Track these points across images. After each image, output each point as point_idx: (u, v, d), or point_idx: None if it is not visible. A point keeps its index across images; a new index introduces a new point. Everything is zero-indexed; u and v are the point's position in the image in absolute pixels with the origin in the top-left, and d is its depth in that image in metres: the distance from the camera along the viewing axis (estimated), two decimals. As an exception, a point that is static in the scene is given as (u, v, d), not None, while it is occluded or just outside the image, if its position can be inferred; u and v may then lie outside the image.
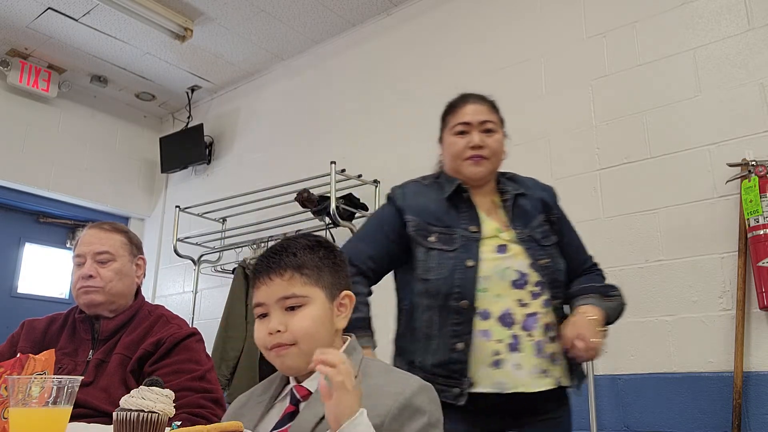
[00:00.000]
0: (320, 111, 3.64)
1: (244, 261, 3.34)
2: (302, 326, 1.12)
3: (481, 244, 1.56)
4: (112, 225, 1.84)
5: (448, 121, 1.75)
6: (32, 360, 0.95)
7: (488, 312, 1.51)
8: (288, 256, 1.16)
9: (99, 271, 1.70)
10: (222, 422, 1.04)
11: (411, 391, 1.07)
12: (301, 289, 1.14)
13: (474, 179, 1.65)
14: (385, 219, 1.70)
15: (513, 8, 2.95)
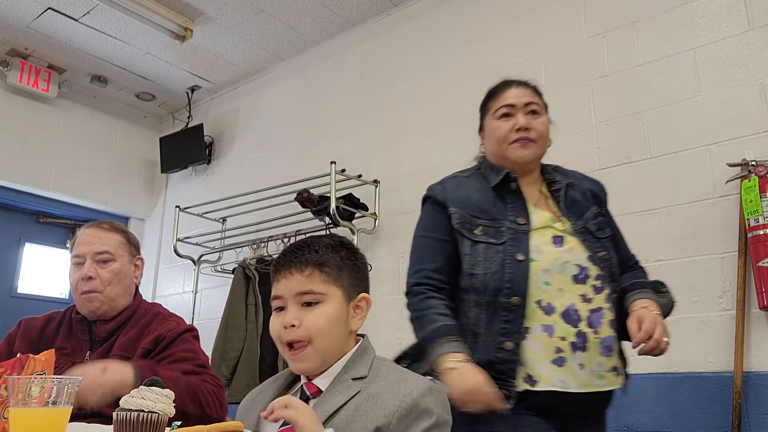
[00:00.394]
0: (320, 111, 3.64)
1: (244, 261, 3.34)
2: (317, 323, 1.13)
3: (532, 237, 1.48)
4: (110, 224, 1.82)
5: (489, 106, 1.66)
6: (32, 360, 0.95)
7: (552, 306, 1.42)
8: (310, 252, 1.17)
9: (99, 271, 1.70)
10: (227, 421, 1.04)
11: (419, 392, 1.07)
12: (320, 287, 1.15)
13: (521, 163, 1.57)
14: (429, 222, 1.63)
15: (513, 8, 2.95)
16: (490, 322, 1.45)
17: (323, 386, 1.15)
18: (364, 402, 1.09)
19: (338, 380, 1.14)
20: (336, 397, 1.11)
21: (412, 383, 1.09)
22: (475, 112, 3.08)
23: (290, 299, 1.15)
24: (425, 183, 2.99)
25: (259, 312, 3.17)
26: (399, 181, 3.13)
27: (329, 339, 1.14)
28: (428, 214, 1.66)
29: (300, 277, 1.15)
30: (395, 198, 3.12)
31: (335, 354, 1.17)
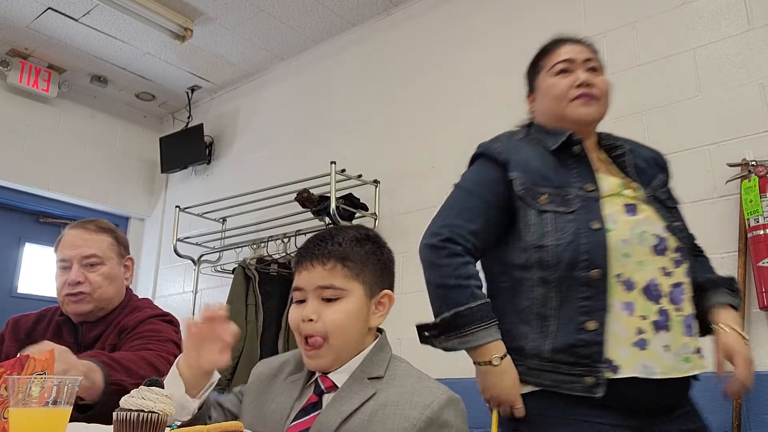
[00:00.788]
0: (320, 111, 3.64)
1: (244, 261, 3.34)
2: (335, 320, 1.11)
3: (603, 204, 1.33)
4: (97, 224, 1.72)
5: (543, 64, 1.53)
6: (32, 360, 0.95)
7: (632, 282, 1.26)
8: (334, 245, 1.14)
9: (87, 276, 1.61)
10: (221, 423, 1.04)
11: (439, 405, 1.05)
12: (341, 282, 1.13)
13: (584, 122, 1.42)
14: (481, 181, 1.43)
15: (513, 8, 2.95)
16: (565, 300, 1.28)
17: (339, 382, 1.13)
18: (381, 408, 1.06)
19: (354, 378, 1.12)
20: (352, 398, 1.09)
21: (431, 393, 1.07)
22: (475, 111, 3.09)
23: (311, 292, 1.13)
24: (425, 183, 3.01)
25: (259, 312, 3.17)
26: (399, 181, 3.13)
27: (346, 336, 1.12)
28: (481, 170, 1.46)
29: (322, 271, 1.12)
30: (395, 198, 3.12)
31: (351, 351, 1.14)
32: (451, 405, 1.07)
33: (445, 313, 1.36)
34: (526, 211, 1.35)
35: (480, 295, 1.33)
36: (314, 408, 1.12)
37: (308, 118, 3.70)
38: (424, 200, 3.00)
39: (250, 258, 3.38)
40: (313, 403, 1.13)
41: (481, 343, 1.31)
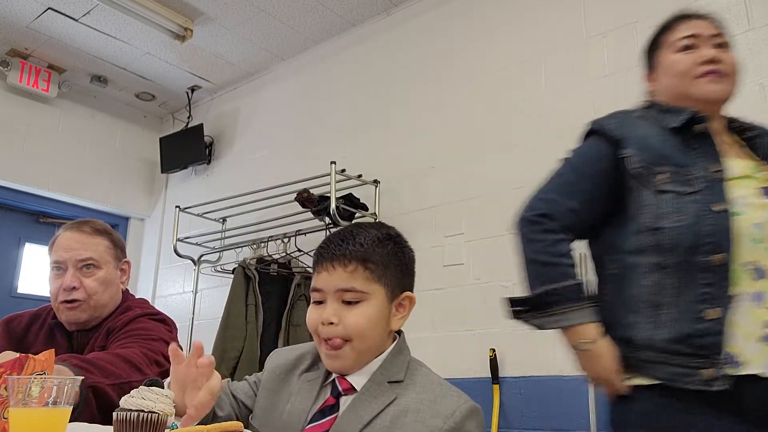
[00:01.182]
0: (320, 111, 3.64)
1: (244, 261, 3.34)
2: (357, 324, 1.08)
3: (732, 186, 1.24)
4: (92, 226, 1.65)
5: (664, 40, 1.43)
6: (32, 360, 0.95)
7: (763, 269, 1.18)
8: (355, 245, 1.10)
9: (83, 281, 1.55)
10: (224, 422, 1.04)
11: (461, 415, 1.03)
12: (363, 284, 1.09)
13: (711, 101, 1.32)
14: (590, 158, 1.36)
15: (513, 8, 2.95)
16: (682, 287, 1.18)
17: (357, 384, 1.10)
18: (402, 416, 1.04)
19: (374, 381, 1.09)
20: (372, 402, 1.07)
21: (453, 402, 1.05)
22: (475, 112, 3.09)
23: (330, 294, 1.09)
24: (425, 183, 3.01)
25: (259, 312, 3.17)
26: (399, 181, 3.13)
27: (368, 340, 1.09)
28: (591, 146, 1.38)
29: (343, 273, 1.08)
30: (395, 198, 3.12)
31: (372, 354, 1.12)
32: (473, 415, 1.06)
33: (536, 289, 1.29)
34: (640, 191, 1.26)
35: (572, 274, 1.26)
36: (331, 411, 1.09)
37: (308, 118, 3.70)
38: (424, 200, 3.00)
39: (250, 258, 3.38)
40: (330, 405, 1.10)
41: (572, 324, 1.25)
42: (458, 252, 2.80)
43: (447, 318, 2.76)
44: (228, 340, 3.11)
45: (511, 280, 2.61)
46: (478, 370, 2.60)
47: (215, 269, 3.74)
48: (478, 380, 2.59)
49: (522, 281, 1.34)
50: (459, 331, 2.71)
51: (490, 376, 2.53)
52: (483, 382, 2.57)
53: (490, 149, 2.83)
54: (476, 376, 2.60)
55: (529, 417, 2.43)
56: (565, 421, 2.34)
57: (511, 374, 2.52)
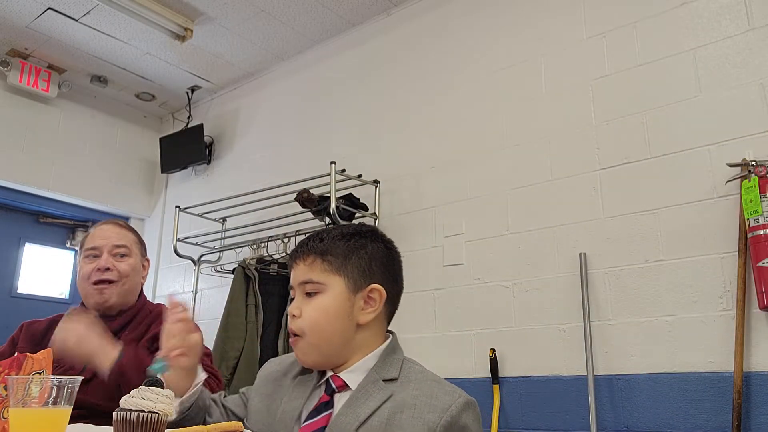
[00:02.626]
0: (320, 111, 3.64)
1: (244, 261, 3.34)
2: (311, 316, 1.11)
3: None
4: (125, 223, 1.88)
5: None
6: (30, 359, 0.95)
7: None
8: (315, 241, 1.17)
9: (116, 264, 1.71)
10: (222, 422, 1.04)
11: (458, 408, 1.05)
12: (319, 276, 1.13)
13: None
14: None
15: (513, 8, 2.95)
16: None
17: (350, 381, 1.12)
18: (398, 412, 1.05)
19: (368, 379, 1.11)
20: (368, 400, 1.08)
21: (449, 396, 1.07)
22: (475, 112, 3.10)
23: (296, 288, 1.16)
24: (425, 183, 3.02)
25: (259, 312, 3.17)
26: (399, 181, 3.13)
27: (324, 332, 1.11)
28: None
29: (303, 266, 1.15)
30: (395, 198, 3.12)
31: (337, 347, 1.13)
32: (470, 409, 1.07)
33: None
34: None
35: None
36: (326, 407, 1.11)
37: (308, 118, 3.70)
38: (424, 200, 3.00)
39: (250, 258, 3.38)
40: (325, 402, 1.12)
41: None
42: (458, 252, 2.80)
43: (447, 318, 2.77)
44: (228, 340, 3.11)
45: (511, 280, 2.61)
46: (478, 370, 2.60)
47: (215, 269, 3.74)
48: (478, 380, 2.59)
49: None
50: (459, 331, 2.71)
51: (490, 376, 2.53)
52: (483, 382, 2.57)
53: (490, 149, 2.83)
54: (476, 376, 2.60)
55: (529, 417, 2.43)
56: (565, 421, 2.34)
57: (511, 374, 2.52)
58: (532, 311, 2.53)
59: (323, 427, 1.07)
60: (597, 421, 2.23)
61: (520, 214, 2.66)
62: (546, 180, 2.63)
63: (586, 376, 2.28)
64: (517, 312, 2.57)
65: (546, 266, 2.54)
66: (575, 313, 2.41)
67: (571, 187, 2.55)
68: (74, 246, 4.25)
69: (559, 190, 2.58)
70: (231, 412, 1.23)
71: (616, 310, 2.33)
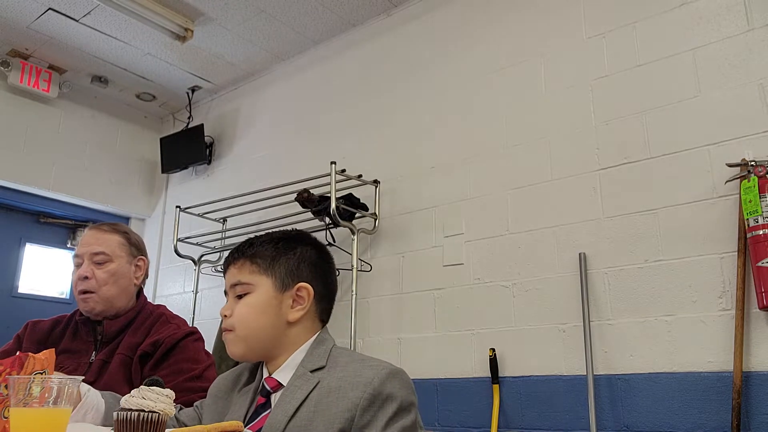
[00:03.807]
0: (320, 111, 3.65)
1: (245, 261, 3.34)
2: (240, 313, 1.18)
3: None
4: (111, 226, 1.83)
5: None
6: (32, 358, 0.96)
7: None
8: (247, 246, 1.23)
9: (95, 272, 1.71)
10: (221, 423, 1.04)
11: (379, 380, 1.06)
12: (247, 277, 1.19)
13: None
14: None
15: (513, 8, 2.95)
16: None
17: (283, 380, 1.15)
18: (325, 396, 1.07)
19: (297, 375, 1.15)
20: (296, 393, 1.11)
21: (371, 371, 1.07)
22: (475, 112, 3.10)
23: (229, 292, 1.21)
24: (425, 183, 3.02)
25: (259, 312, 3.17)
26: (399, 181, 3.13)
27: (251, 327, 1.17)
28: None
29: (233, 270, 1.21)
30: (395, 198, 3.12)
31: (265, 342, 1.17)
32: (394, 377, 1.07)
33: None
34: None
35: None
36: (264, 408, 1.14)
37: (308, 118, 3.70)
38: (424, 200, 3.01)
39: (250, 258, 3.37)
40: (262, 404, 1.15)
41: None
42: (458, 252, 2.80)
43: (447, 318, 2.77)
44: (228, 340, 3.11)
45: (511, 280, 2.62)
46: (478, 370, 2.61)
47: (215, 269, 3.75)
48: (478, 380, 2.59)
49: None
50: (459, 331, 2.72)
51: (490, 376, 2.53)
52: (483, 382, 2.57)
53: (490, 149, 2.83)
54: (476, 376, 2.61)
55: (529, 417, 2.43)
56: (565, 421, 2.34)
57: (511, 374, 2.52)
58: (532, 311, 2.53)
59: (260, 429, 1.10)
60: (596, 420, 2.23)
61: (520, 214, 2.66)
62: (546, 180, 2.63)
63: (586, 375, 2.29)
64: (517, 312, 2.57)
65: (546, 266, 2.54)
66: (575, 312, 2.41)
67: (571, 187, 2.55)
68: (74, 246, 4.26)
69: (559, 190, 2.58)
70: (183, 424, 1.27)
71: (615, 309, 2.33)
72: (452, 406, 2.63)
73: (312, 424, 1.05)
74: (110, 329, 1.71)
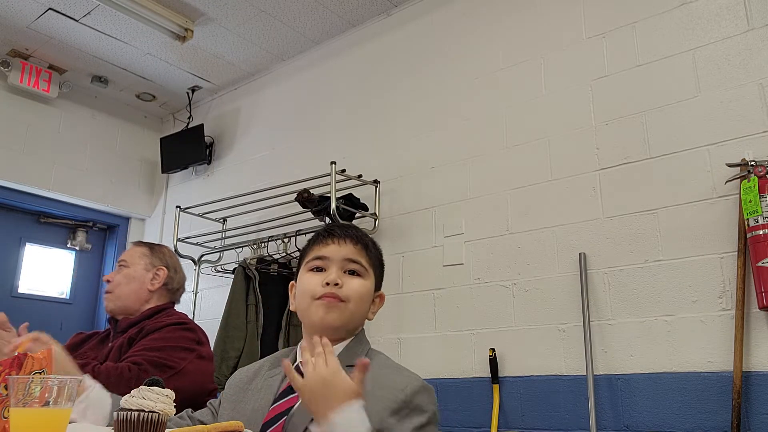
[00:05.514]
0: (320, 111, 3.65)
1: (245, 261, 3.34)
2: (358, 290, 1.22)
3: None
4: (147, 242, 2.06)
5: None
6: (30, 358, 0.96)
7: None
8: (361, 234, 1.28)
9: (114, 276, 1.93)
10: (221, 422, 1.04)
11: (412, 390, 1.09)
12: (366, 263, 1.25)
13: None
14: None
15: (512, 8, 2.95)
16: None
17: None
18: None
19: None
20: None
21: (405, 379, 1.12)
22: (475, 112, 3.10)
23: (336, 262, 1.22)
24: (425, 183, 3.02)
25: (259, 312, 3.18)
26: (399, 181, 3.13)
27: (359, 308, 1.22)
28: None
29: (353, 247, 1.24)
30: (395, 198, 3.12)
31: (355, 326, 1.23)
32: (425, 391, 1.12)
33: None
34: None
35: None
36: (293, 390, 1.14)
37: (308, 118, 3.70)
38: (424, 200, 3.01)
39: (250, 258, 3.38)
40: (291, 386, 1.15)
41: None
42: (458, 252, 2.80)
43: (447, 318, 2.77)
44: (228, 340, 3.11)
45: (511, 280, 2.62)
46: (478, 370, 2.61)
47: (215, 269, 3.75)
48: (478, 380, 2.59)
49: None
50: (459, 331, 2.72)
51: (490, 376, 2.53)
52: (483, 382, 2.57)
53: (490, 149, 2.83)
54: (476, 376, 2.61)
55: (529, 417, 2.43)
56: (565, 421, 2.35)
57: (511, 374, 2.52)
58: (532, 311, 2.53)
59: (290, 408, 1.12)
60: (596, 420, 2.23)
61: (520, 214, 2.66)
62: (546, 180, 2.63)
63: (586, 375, 2.29)
64: (517, 312, 2.57)
65: (546, 266, 2.54)
66: (575, 312, 2.41)
67: (570, 187, 2.55)
68: (74, 246, 4.26)
69: (559, 190, 2.58)
70: (198, 421, 1.28)
71: (615, 309, 2.33)
72: (452, 406, 2.63)
73: None
74: (123, 324, 1.86)
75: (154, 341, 1.70)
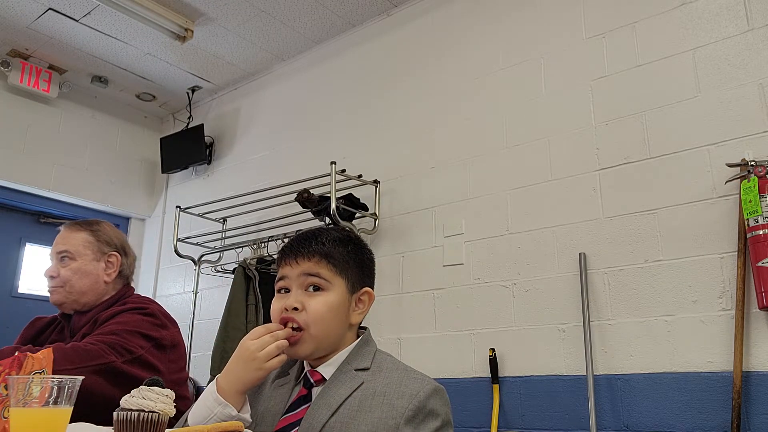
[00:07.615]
0: (320, 111, 3.65)
1: (244, 261, 3.34)
2: (318, 309, 1.14)
3: None
4: (83, 223, 1.84)
5: None
6: (30, 358, 0.96)
7: None
8: (318, 244, 1.19)
9: (59, 271, 1.73)
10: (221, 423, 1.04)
11: (425, 394, 1.08)
12: (327, 274, 1.17)
13: None
14: None
15: (512, 8, 2.95)
16: None
17: (327, 374, 1.16)
18: (369, 398, 1.10)
19: (341, 370, 1.16)
20: (340, 388, 1.12)
21: (417, 383, 1.10)
22: (475, 112, 3.10)
23: (295, 281, 1.17)
24: (425, 183, 3.02)
25: (259, 312, 3.18)
26: (399, 181, 3.13)
27: (326, 327, 1.15)
28: None
29: (308, 263, 1.17)
30: (395, 198, 3.12)
31: (332, 342, 1.18)
32: (437, 394, 1.11)
33: None
34: None
35: None
36: (305, 401, 1.15)
37: (308, 118, 3.70)
38: (424, 200, 3.01)
39: (250, 258, 3.38)
40: (303, 396, 1.16)
41: None
42: (458, 252, 2.80)
43: (447, 318, 2.77)
44: (228, 339, 3.11)
45: (511, 280, 2.62)
46: (478, 370, 2.61)
47: (215, 269, 3.75)
48: (478, 380, 2.59)
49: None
50: (459, 331, 2.72)
51: (490, 376, 2.53)
52: (483, 382, 2.57)
53: (490, 149, 2.83)
54: (476, 376, 2.61)
55: (529, 417, 2.43)
56: (565, 421, 2.35)
57: (511, 374, 2.52)
58: (532, 311, 2.53)
59: (300, 420, 1.11)
60: (596, 420, 2.23)
61: (520, 214, 2.66)
62: (546, 180, 2.63)
63: (586, 375, 2.29)
64: (517, 312, 2.57)
65: (546, 266, 2.54)
66: (575, 312, 2.41)
67: (570, 187, 2.55)
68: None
69: (559, 191, 2.59)
70: None
71: (615, 310, 2.33)
72: (452, 406, 2.62)
73: (353, 422, 1.06)
74: (77, 323, 1.72)
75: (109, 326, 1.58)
